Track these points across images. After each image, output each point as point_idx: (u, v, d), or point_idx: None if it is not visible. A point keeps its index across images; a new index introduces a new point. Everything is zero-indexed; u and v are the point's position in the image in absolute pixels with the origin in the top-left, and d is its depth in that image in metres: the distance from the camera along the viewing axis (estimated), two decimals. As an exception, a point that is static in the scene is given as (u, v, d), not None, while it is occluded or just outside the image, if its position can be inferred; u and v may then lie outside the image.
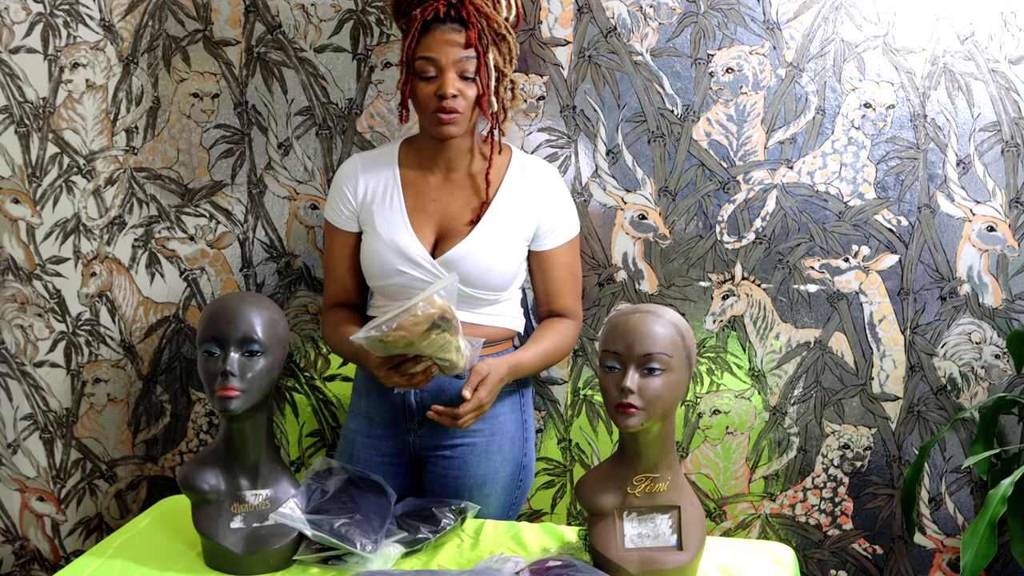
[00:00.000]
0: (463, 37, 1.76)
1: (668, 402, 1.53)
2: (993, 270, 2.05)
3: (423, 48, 1.77)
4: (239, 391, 1.60)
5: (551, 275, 1.91)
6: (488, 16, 1.79)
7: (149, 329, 2.33)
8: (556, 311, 1.93)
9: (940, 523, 2.15)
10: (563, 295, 1.92)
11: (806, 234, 2.09)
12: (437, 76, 1.77)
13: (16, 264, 2.35)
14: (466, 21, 1.76)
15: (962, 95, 2.01)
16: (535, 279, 1.94)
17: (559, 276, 1.91)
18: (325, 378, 2.28)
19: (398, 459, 1.94)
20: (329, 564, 1.66)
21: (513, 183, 1.88)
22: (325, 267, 1.99)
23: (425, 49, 1.77)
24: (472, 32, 1.76)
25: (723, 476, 2.20)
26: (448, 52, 1.76)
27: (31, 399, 2.41)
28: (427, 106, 1.79)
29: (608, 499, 1.59)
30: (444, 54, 1.76)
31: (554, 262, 1.91)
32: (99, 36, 2.23)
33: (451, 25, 1.76)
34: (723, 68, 2.06)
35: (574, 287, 1.94)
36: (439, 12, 1.76)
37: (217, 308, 1.66)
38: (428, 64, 1.77)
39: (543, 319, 1.95)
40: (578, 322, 1.95)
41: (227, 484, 1.68)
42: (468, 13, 1.76)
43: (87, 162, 2.29)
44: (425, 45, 1.77)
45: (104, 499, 2.43)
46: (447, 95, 1.75)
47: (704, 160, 2.09)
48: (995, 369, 2.08)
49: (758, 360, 2.14)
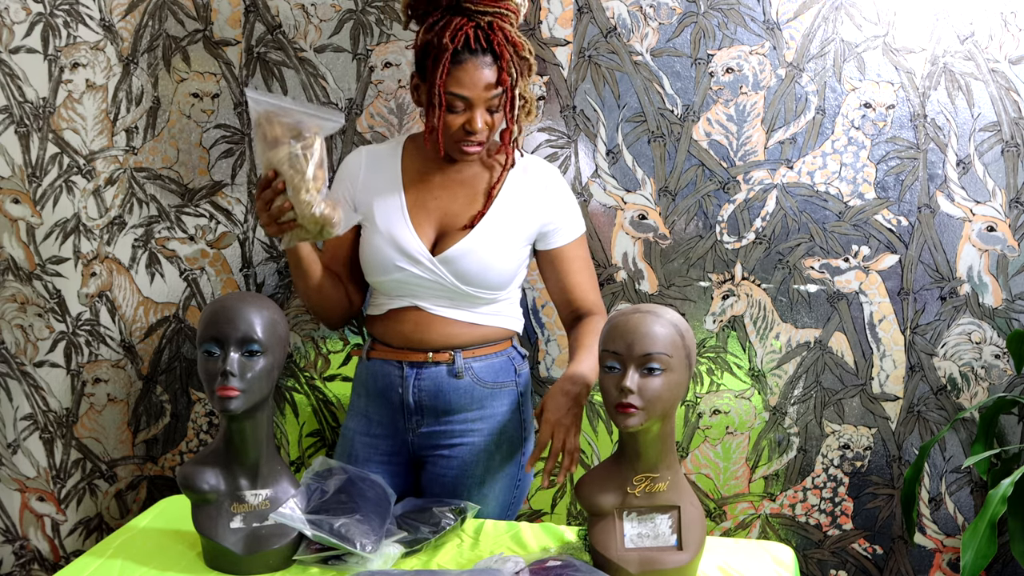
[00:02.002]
0: (494, 72, 1.74)
1: (668, 402, 1.53)
2: (993, 270, 2.05)
3: (454, 83, 1.73)
4: (239, 391, 1.60)
5: (567, 271, 1.90)
6: (515, 43, 1.76)
7: (149, 329, 2.33)
8: (580, 308, 1.90)
9: (940, 523, 2.15)
10: (584, 290, 1.91)
11: (806, 234, 2.09)
12: (466, 110, 1.75)
13: (16, 264, 2.35)
14: (497, 53, 1.73)
15: (962, 95, 2.01)
16: (550, 281, 1.92)
17: (575, 270, 1.90)
18: (325, 378, 2.28)
19: (397, 458, 1.94)
20: (329, 564, 1.66)
21: (515, 183, 1.88)
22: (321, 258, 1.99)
23: (457, 84, 1.73)
24: (504, 69, 1.73)
25: (723, 476, 2.20)
26: (479, 89, 1.73)
27: (31, 399, 2.41)
28: (453, 135, 1.78)
29: (608, 499, 1.59)
30: (475, 91, 1.73)
31: (567, 257, 1.90)
32: (99, 36, 2.24)
33: (482, 58, 1.73)
34: (723, 68, 2.06)
35: (591, 280, 1.92)
36: (469, 42, 1.72)
37: (217, 308, 1.66)
38: (458, 100, 1.75)
39: (566, 320, 1.93)
40: (604, 316, 1.91)
41: (227, 484, 1.68)
42: (498, 43, 1.73)
43: (87, 162, 2.29)
44: (457, 79, 1.73)
45: (104, 499, 2.43)
46: (476, 131, 1.75)
47: (704, 160, 2.09)
48: (995, 369, 2.08)
49: (758, 360, 2.14)
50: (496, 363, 1.90)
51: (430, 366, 1.87)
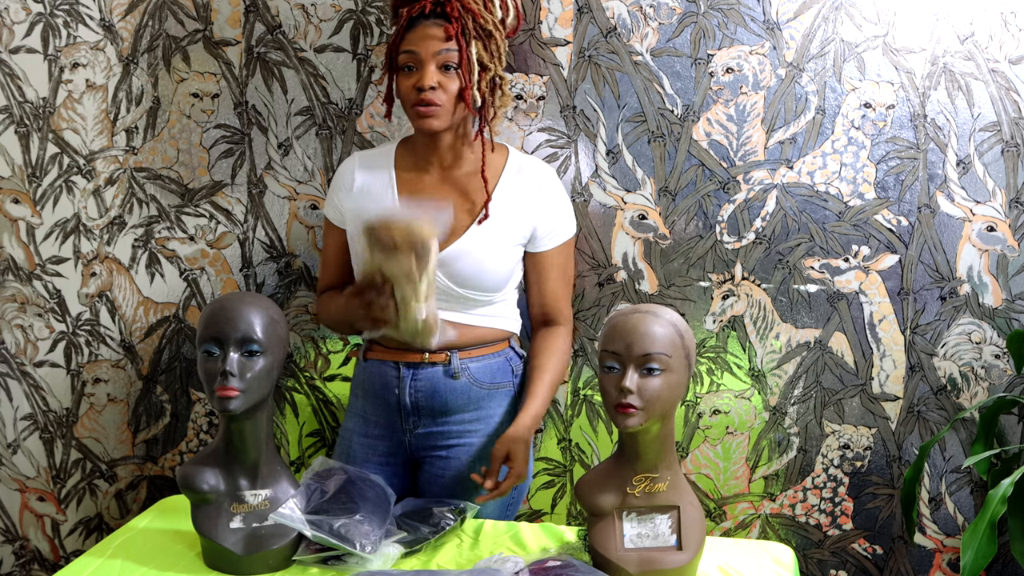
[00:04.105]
0: (445, 31, 1.77)
1: (667, 402, 1.53)
2: (993, 270, 2.05)
3: (405, 43, 1.78)
4: (239, 391, 1.60)
5: (544, 276, 1.92)
6: (474, 12, 1.79)
7: (149, 329, 2.33)
8: (547, 313, 1.94)
9: (940, 523, 2.15)
10: (557, 297, 1.94)
11: (806, 234, 2.09)
12: (417, 69, 1.77)
13: (16, 264, 2.35)
14: (449, 16, 1.77)
15: (962, 95, 2.00)
16: (528, 279, 1.95)
17: (552, 278, 1.92)
18: (325, 378, 2.28)
19: (394, 459, 1.94)
20: (329, 564, 1.66)
21: (509, 184, 1.88)
22: (322, 260, 2.01)
23: (407, 43, 1.78)
24: (454, 26, 1.76)
25: (723, 476, 2.20)
26: (428, 45, 1.76)
27: (31, 399, 2.41)
28: (407, 99, 1.80)
29: (608, 499, 1.59)
30: (424, 47, 1.76)
31: (547, 264, 1.91)
32: (99, 36, 2.24)
33: (434, 21, 1.77)
34: (723, 68, 2.06)
35: (565, 288, 1.95)
36: (425, 9, 1.77)
37: (217, 308, 1.66)
38: (409, 57, 1.78)
39: (534, 320, 1.96)
40: (568, 326, 1.96)
41: (227, 484, 1.68)
42: (453, 8, 1.77)
43: (87, 162, 2.29)
44: (408, 40, 1.78)
45: (104, 499, 2.43)
46: (425, 87, 1.76)
47: (704, 160, 2.09)
48: (995, 369, 2.08)
49: (758, 360, 2.14)
50: (493, 364, 1.90)
51: (427, 367, 1.87)
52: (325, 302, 1.97)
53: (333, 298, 1.93)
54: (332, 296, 1.95)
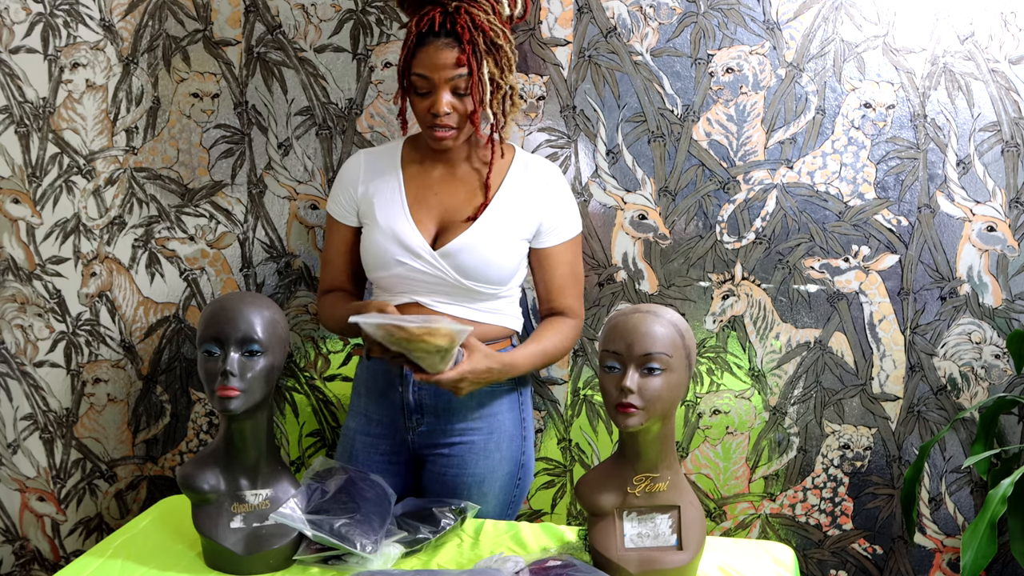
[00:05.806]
0: (456, 54, 1.75)
1: (668, 402, 1.53)
2: (993, 270, 2.05)
3: (417, 64, 1.77)
4: (239, 391, 1.60)
5: (552, 273, 1.91)
6: (484, 28, 1.77)
7: (149, 329, 2.33)
8: (557, 309, 1.93)
9: (940, 523, 2.15)
10: (564, 293, 1.92)
11: (806, 234, 2.09)
12: (431, 92, 1.77)
13: (16, 264, 2.35)
14: (460, 36, 1.75)
15: (962, 95, 2.01)
16: (536, 277, 1.94)
17: (560, 274, 1.91)
18: (325, 378, 2.28)
19: (397, 458, 1.94)
20: (329, 564, 1.66)
21: (516, 180, 1.88)
22: (323, 258, 2.00)
23: (419, 65, 1.76)
24: (465, 49, 1.75)
25: (723, 476, 2.20)
26: (441, 71, 1.75)
27: (31, 399, 2.41)
28: (422, 119, 1.80)
29: (608, 499, 1.59)
30: (437, 72, 1.75)
31: (555, 260, 1.91)
32: (99, 36, 2.24)
33: (445, 40, 1.75)
34: (723, 68, 2.06)
35: (575, 285, 1.94)
36: (434, 24, 1.75)
37: (217, 308, 1.66)
38: (422, 80, 1.77)
39: (544, 318, 1.95)
40: (579, 321, 1.94)
41: (227, 484, 1.68)
42: (463, 26, 1.75)
43: (87, 162, 2.29)
44: (419, 61, 1.76)
45: (104, 499, 2.43)
46: (439, 113, 1.76)
47: (704, 160, 2.09)
48: (995, 369, 2.08)
49: (758, 360, 2.14)
50: (495, 362, 1.90)
51: None
52: (327, 308, 1.95)
53: (336, 306, 1.92)
54: (335, 303, 1.93)
